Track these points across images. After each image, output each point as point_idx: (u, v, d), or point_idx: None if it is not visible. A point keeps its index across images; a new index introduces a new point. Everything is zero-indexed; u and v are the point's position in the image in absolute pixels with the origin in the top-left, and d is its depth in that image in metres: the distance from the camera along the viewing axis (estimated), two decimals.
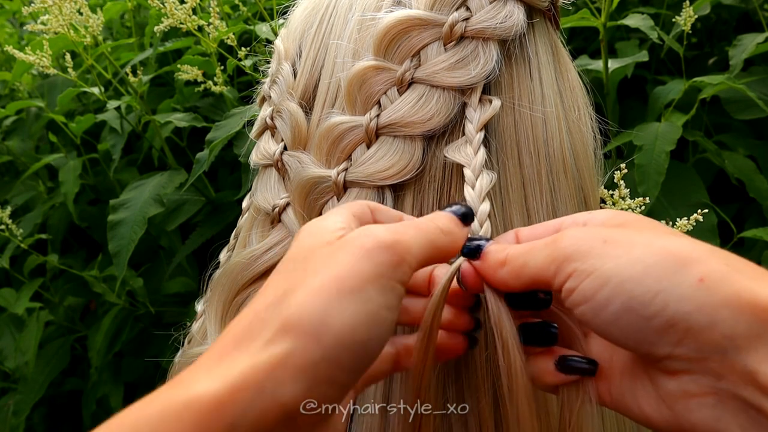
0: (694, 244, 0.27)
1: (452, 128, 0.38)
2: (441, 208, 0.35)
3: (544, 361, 0.32)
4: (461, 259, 0.33)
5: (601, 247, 0.27)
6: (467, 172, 0.36)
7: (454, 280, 0.33)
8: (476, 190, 0.35)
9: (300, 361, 0.25)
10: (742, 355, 0.24)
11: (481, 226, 0.35)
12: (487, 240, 0.33)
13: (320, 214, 0.39)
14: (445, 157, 0.37)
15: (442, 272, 0.33)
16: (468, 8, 0.38)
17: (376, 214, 0.33)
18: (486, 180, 0.36)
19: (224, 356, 0.26)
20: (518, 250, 0.31)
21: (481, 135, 0.37)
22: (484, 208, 0.35)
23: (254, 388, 0.24)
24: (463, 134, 0.37)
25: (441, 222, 0.32)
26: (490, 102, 0.37)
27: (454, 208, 0.33)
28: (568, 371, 0.31)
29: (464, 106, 0.38)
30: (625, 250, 0.27)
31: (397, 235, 0.29)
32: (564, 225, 0.32)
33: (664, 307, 0.25)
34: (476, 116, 0.37)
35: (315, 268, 0.28)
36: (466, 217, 0.33)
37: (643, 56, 0.92)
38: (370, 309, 0.26)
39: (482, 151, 0.36)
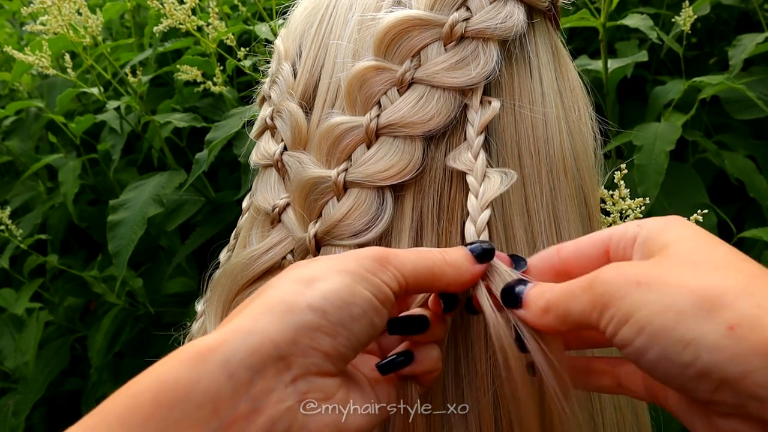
0: (726, 281, 0.26)
1: (453, 129, 0.38)
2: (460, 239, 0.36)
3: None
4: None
5: (635, 291, 0.27)
6: (470, 179, 0.36)
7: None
8: (481, 197, 0.35)
9: (286, 306, 0.28)
10: None
11: (479, 235, 0.35)
12: (524, 282, 0.32)
13: (320, 214, 0.39)
14: (450, 167, 0.37)
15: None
16: (468, 8, 0.38)
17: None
18: (494, 184, 0.36)
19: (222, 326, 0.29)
20: (558, 296, 0.30)
21: (481, 139, 0.37)
22: (484, 216, 0.35)
23: (245, 329, 0.27)
24: (464, 136, 0.37)
25: (451, 255, 0.33)
26: (490, 104, 0.37)
27: (474, 246, 0.33)
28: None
29: (465, 107, 0.38)
30: (657, 295, 0.26)
31: (390, 252, 0.31)
32: (613, 241, 0.31)
33: (696, 357, 0.25)
34: (477, 118, 0.37)
35: (299, 269, 0.31)
36: (484, 256, 0.33)
37: (643, 56, 0.92)
38: (351, 279, 0.29)
39: (482, 155, 0.36)
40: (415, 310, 0.34)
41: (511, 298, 0.32)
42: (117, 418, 0.25)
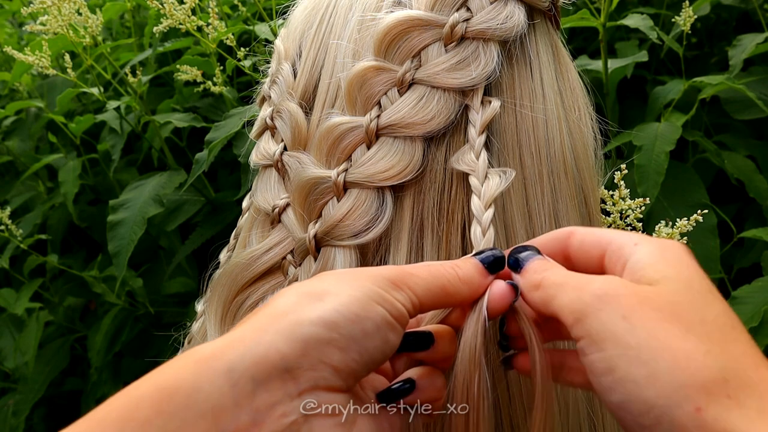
0: (707, 357, 0.25)
1: (453, 129, 0.38)
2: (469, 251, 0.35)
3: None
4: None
5: (618, 322, 0.26)
6: (473, 180, 0.36)
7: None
8: (483, 198, 0.35)
9: (296, 318, 0.27)
10: None
11: (484, 234, 0.34)
12: (537, 252, 0.32)
13: (320, 214, 0.39)
14: (451, 167, 0.37)
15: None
16: (469, 9, 0.38)
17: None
18: (493, 184, 0.35)
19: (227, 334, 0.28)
20: (554, 279, 0.30)
21: (482, 139, 0.37)
22: (488, 215, 0.35)
23: (251, 338, 0.26)
24: (466, 136, 0.37)
25: (462, 270, 0.32)
26: (490, 103, 0.37)
27: (485, 255, 0.33)
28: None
29: (466, 108, 0.38)
30: (637, 341, 0.26)
31: (404, 271, 0.30)
32: (610, 249, 0.31)
33: (656, 423, 0.25)
34: (478, 119, 0.37)
35: (309, 283, 0.30)
36: (495, 266, 0.33)
37: (643, 56, 0.92)
38: (364, 294, 0.28)
39: (484, 155, 0.36)
40: (423, 327, 0.33)
41: (515, 260, 0.32)
42: (114, 421, 0.24)
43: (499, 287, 0.32)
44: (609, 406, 0.27)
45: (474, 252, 0.34)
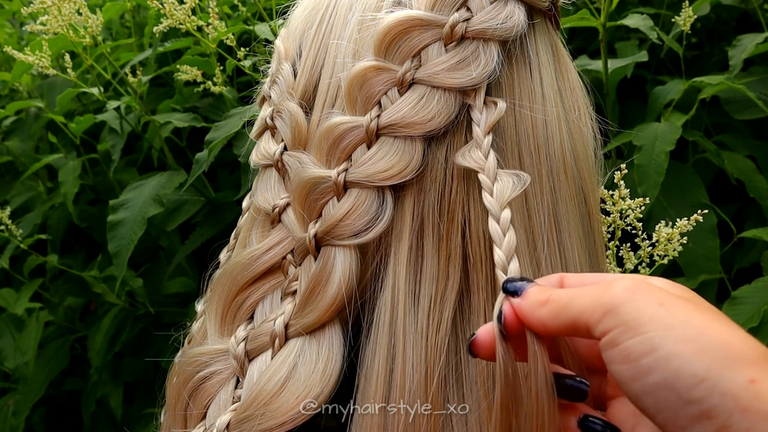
0: (749, 342, 0.25)
1: (454, 129, 0.38)
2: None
3: (567, 415, 0.31)
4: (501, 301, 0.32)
5: (656, 308, 0.26)
6: (483, 177, 0.35)
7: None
8: (495, 195, 0.35)
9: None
10: None
11: (505, 235, 0.34)
12: (530, 281, 0.32)
13: (320, 214, 0.39)
14: (454, 163, 0.37)
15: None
16: (469, 9, 0.38)
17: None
18: (507, 186, 0.35)
19: None
20: (563, 292, 0.30)
21: (489, 138, 0.36)
22: (506, 215, 0.34)
23: None
24: (465, 136, 0.37)
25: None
26: (495, 104, 0.37)
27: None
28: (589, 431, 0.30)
29: (468, 107, 0.38)
30: (681, 322, 0.25)
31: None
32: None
33: (707, 396, 0.24)
34: (483, 119, 0.37)
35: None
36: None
37: (643, 56, 0.92)
38: None
39: (493, 154, 0.36)
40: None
41: (513, 287, 0.31)
42: None
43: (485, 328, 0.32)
44: (643, 390, 0.25)
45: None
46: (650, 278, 0.30)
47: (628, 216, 0.59)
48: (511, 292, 0.31)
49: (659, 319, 0.26)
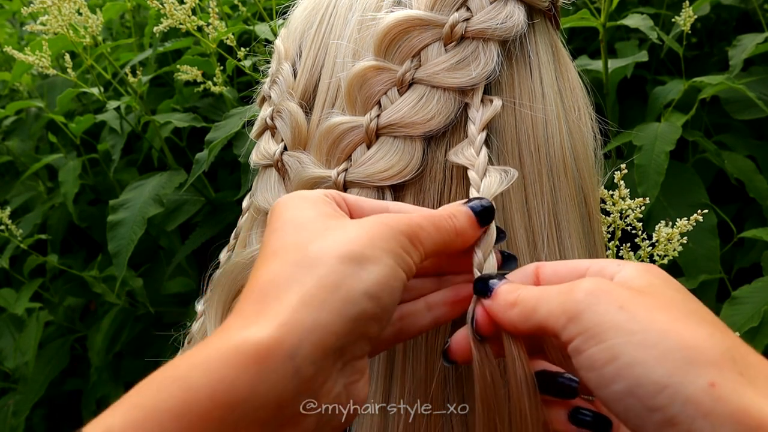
0: (713, 339, 0.25)
1: (453, 129, 0.38)
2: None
3: (557, 409, 0.31)
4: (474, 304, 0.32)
5: (616, 313, 0.26)
6: (471, 174, 0.36)
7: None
8: (482, 191, 0.35)
9: (345, 294, 0.27)
10: None
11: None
12: (501, 277, 0.32)
13: None
14: (446, 161, 0.37)
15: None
16: (468, 8, 0.38)
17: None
18: (494, 181, 0.35)
19: (261, 311, 0.26)
20: (531, 293, 0.30)
21: (483, 135, 0.37)
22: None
23: (306, 325, 0.26)
24: (465, 135, 0.37)
25: (459, 223, 0.32)
26: (491, 102, 0.37)
27: (474, 204, 0.33)
28: (580, 425, 0.30)
29: (466, 106, 0.38)
30: (640, 326, 0.25)
31: (419, 228, 0.31)
32: (590, 271, 0.31)
33: (669, 403, 0.24)
34: (478, 116, 0.37)
35: (331, 229, 0.29)
36: (485, 217, 0.33)
37: (643, 56, 0.92)
38: (394, 261, 0.29)
39: (484, 151, 0.36)
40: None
41: (483, 286, 0.32)
42: (169, 413, 0.23)
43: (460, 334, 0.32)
44: (610, 398, 0.26)
45: (465, 200, 0.34)
46: (650, 266, 0.30)
47: (628, 216, 0.59)
48: (482, 292, 0.32)
49: (620, 325, 0.26)
